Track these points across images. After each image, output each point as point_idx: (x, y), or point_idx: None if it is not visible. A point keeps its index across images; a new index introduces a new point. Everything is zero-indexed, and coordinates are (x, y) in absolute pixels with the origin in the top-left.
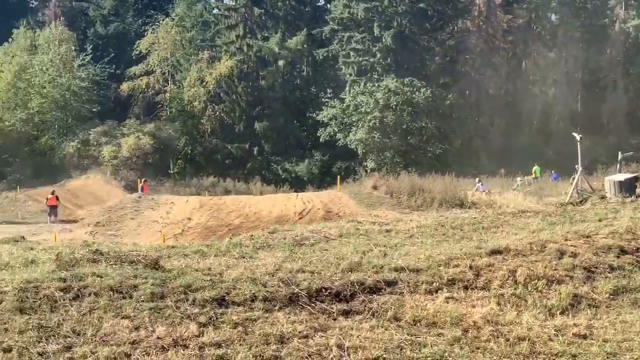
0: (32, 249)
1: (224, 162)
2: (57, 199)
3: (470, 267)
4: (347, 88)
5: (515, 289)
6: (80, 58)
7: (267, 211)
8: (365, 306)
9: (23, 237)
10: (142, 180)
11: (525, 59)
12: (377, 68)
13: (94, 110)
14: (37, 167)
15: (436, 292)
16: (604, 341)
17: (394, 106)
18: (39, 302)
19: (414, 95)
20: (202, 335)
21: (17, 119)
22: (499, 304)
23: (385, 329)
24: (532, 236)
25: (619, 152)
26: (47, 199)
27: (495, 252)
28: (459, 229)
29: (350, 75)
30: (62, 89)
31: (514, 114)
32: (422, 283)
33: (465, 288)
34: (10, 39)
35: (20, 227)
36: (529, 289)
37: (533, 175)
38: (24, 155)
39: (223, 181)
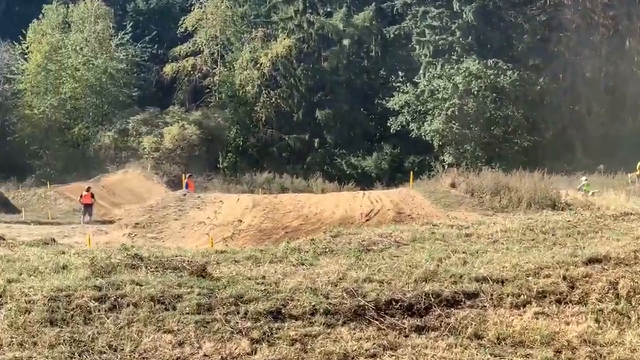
0: (63, 252)
1: (281, 156)
2: (93, 196)
3: (564, 278)
4: (421, 71)
5: (616, 304)
6: (119, 37)
7: (329, 212)
8: (442, 321)
9: (53, 240)
10: (187, 175)
11: (629, 36)
12: (456, 48)
13: (133, 95)
14: (70, 160)
15: (524, 306)
16: None
17: (475, 92)
18: (72, 312)
19: (498, 79)
20: (255, 353)
21: (48, 105)
22: (597, 320)
23: (465, 348)
24: (636, 243)
25: None
26: (81, 196)
27: (593, 260)
28: (550, 233)
29: (425, 56)
30: (97, 72)
31: (616, 101)
32: (508, 295)
33: (558, 302)
34: (40, 16)
35: (50, 228)
36: (633, 303)
37: (638, 172)
38: (55, 147)
39: (279, 177)
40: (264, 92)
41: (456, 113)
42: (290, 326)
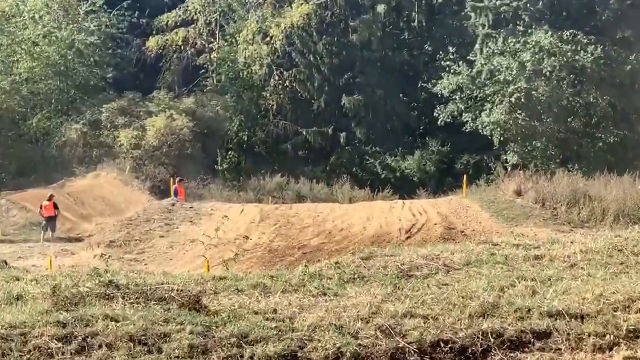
0: (17, 279)
1: (297, 155)
2: (56, 206)
3: None
4: (477, 46)
5: None
6: (89, 2)
7: (359, 227)
8: None
9: (5, 262)
10: (176, 180)
11: None
12: (523, 16)
13: (107, 77)
14: (25, 160)
15: (610, 349)
16: None
17: (548, 73)
18: (28, 356)
19: (577, 57)
20: None
21: None
22: None
23: None
24: None
25: None
26: (41, 206)
27: None
28: None
29: (483, 26)
30: (61, 47)
31: None
32: (589, 335)
33: None
34: None
35: (1, 247)
36: None
37: None
38: (7, 143)
39: (295, 182)
40: (275, 73)
41: (523, 100)
42: None
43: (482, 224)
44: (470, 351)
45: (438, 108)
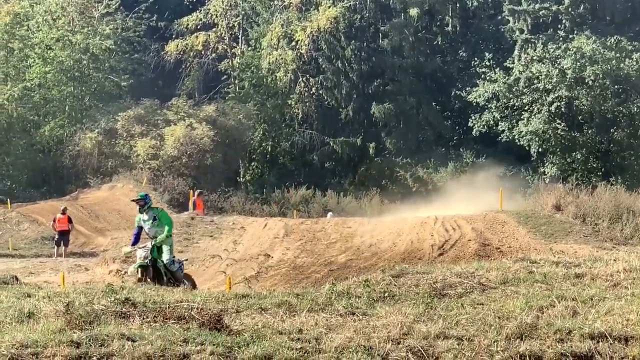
0: (29, 295)
1: (323, 166)
2: (70, 220)
3: None
4: (515, 52)
5: None
6: (104, 4)
7: (389, 243)
8: None
9: (16, 278)
10: (196, 192)
11: None
12: (564, 21)
13: (123, 84)
14: (37, 171)
15: None
16: None
17: (590, 81)
18: None
19: (621, 65)
20: None
21: (8, 96)
22: None
23: None
24: None
25: None
26: (54, 220)
27: None
28: None
29: (522, 31)
30: (76, 52)
31: None
32: (634, 359)
33: None
34: None
35: (10, 262)
36: None
37: None
38: (18, 152)
39: (321, 195)
40: (301, 79)
41: (563, 109)
42: None
43: (519, 240)
44: None
45: (473, 117)
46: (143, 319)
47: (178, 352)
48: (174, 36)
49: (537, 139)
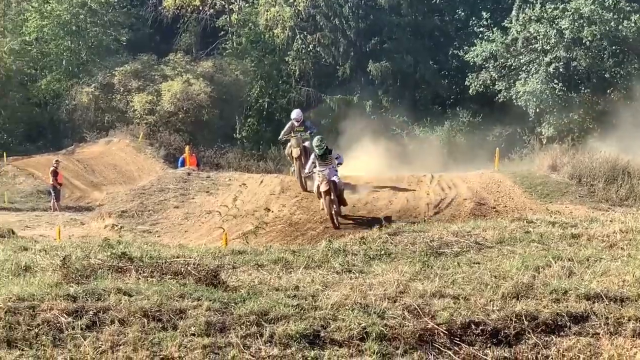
0: (25, 249)
1: (320, 123)
2: (53, 174)
3: None
4: (513, 12)
5: None
6: None
7: (385, 200)
8: (538, 353)
9: (12, 231)
10: (189, 147)
11: None
12: None
13: (121, 38)
14: (33, 125)
15: None
16: None
17: (587, 42)
18: (37, 330)
19: (620, 26)
20: None
21: (5, 49)
22: None
23: None
24: None
25: None
26: (53, 171)
27: None
28: None
29: None
30: (73, 5)
31: None
32: (629, 320)
33: None
34: None
35: (6, 216)
36: None
37: None
38: (14, 106)
39: None
40: (298, 36)
41: (561, 70)
42: (332, 355)
43: (515, 200)
44: (502, 334)
45: (470, 76)
46: (140, 273)
47: (174, 307)
48: None
49: (534, 99)
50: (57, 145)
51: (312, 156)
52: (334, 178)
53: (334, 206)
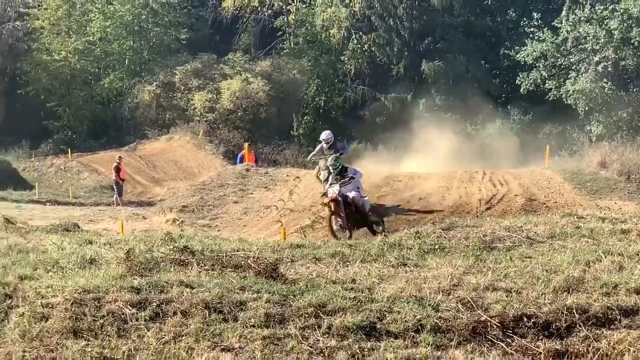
0: (90, 242)
1: (374, 121)
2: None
3: None
4: (563, 12)
5: None
6: None
7: (438, 196)
8: (589, 345)
9: (77, 225)
10: (248, 144)
11: None
12: None
13: (181, 38)
14: (97, 122)
15: None
16: None
17: (636, 42)
18: (102, 321)
19: None
20: None
21: (71, 49)
22: None
23: None
24: None
25: None
26: (116, 167)
27: None
28: None
29: None
30: (136, 6)
31: None
32: None
33: None
34: None
35: (71, 210)
36: None
37: None
38: (79, 104)
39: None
40: (354, 36)
41: (610, 69)
42: (388, 346)
43: (565, 196)
44: (554, 327)
45: (520, 76)
46: (201, 266)
47: (235, 299)
48: None
49: (583, 97)
50: (119, 142)
51: (330, 177)
52: (351, 193)
53: (338, 219)
